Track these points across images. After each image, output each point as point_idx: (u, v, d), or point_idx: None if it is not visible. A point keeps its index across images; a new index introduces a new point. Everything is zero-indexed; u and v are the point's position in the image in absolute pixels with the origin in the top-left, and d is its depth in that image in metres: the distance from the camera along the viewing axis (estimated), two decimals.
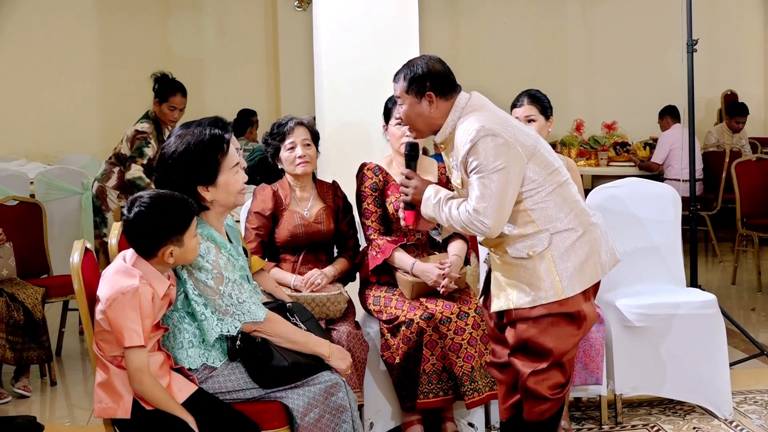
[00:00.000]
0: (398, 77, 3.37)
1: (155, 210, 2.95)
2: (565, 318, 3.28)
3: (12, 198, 5.98)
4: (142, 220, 2.95)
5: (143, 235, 2.96)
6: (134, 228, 2.97)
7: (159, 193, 3.02)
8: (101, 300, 2.94)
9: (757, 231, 7.18)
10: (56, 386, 5.28)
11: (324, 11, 4.80)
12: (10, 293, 5.01)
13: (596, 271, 3.32)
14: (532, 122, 4.20)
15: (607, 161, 8.72)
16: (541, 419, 3.37)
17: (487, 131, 3.16)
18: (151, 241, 2.96)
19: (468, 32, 11.12)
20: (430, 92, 3.29)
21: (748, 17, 11.45)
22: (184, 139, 3.16)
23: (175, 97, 6.08)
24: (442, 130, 3.33)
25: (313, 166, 4.20)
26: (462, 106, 3.30)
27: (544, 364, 3.31)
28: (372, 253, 4.17)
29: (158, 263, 3.00)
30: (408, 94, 3.32)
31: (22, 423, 4.36)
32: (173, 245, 2.96)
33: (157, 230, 2.95)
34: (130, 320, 2.87)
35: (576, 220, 3.27)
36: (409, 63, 3.37)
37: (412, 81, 3.31)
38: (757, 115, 10.80)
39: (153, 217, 2.95)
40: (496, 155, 3.14)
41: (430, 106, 3.30)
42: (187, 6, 10.52)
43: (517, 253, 3.26)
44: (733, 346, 5.16)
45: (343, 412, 3.19)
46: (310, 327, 3.39)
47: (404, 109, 3.34)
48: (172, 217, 2.96)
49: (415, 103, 3.31)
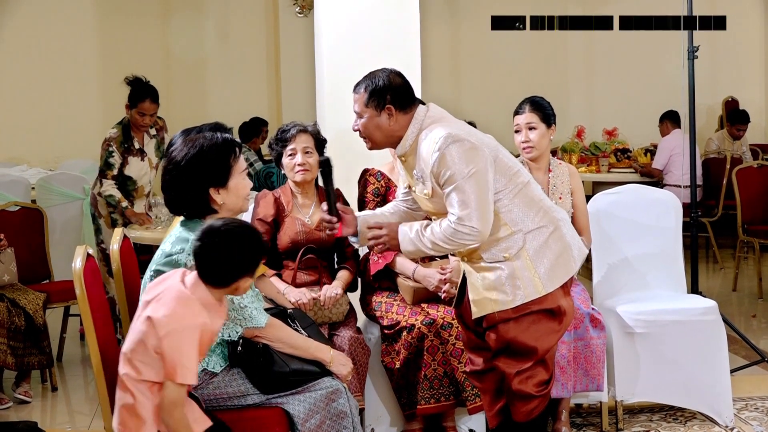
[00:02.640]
0: (359, 89, 3.38)
1: (236, 243, 2.78)
2: (546, 314, 3.32)
3: (13, 203, 5.99)
4: (220, 251, 2.77)
5: (221, 266, 2.78)
6: (211, 258, 2.77)
7: (236, 225, 2.85)
8: (157, 324, 2.71)
9: (757, 237, 7.17)
10: (57, 392, 5.27)
11: (325, 17, 4.80)
12: (11, 299, 5.01)
13: (571, 266, 3.37)
14: (532, 130, 4.19)
15: (608, 168, 8.72)
16: (530, 418, 3.40)
17: (453, 138, 3.19)
18: (228, 274, 2.79)
19: (469, 38, 11.13)
20: (390, 105, 3.31)
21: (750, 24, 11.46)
22: (197, 143, 3.16)
23: (144, 103, 5.90)
24: (402, 143, 3.34)
25: (314, 174, 4.19)
26: (422, 119, 3.32)
27: (528, 363, 3.34)
28: (374, 258, 4.17)
29: (223, 293, 2.84)
30: (367, 107, 3.33)
31: (23, 428, 4.37)
32: (249, 277, 2.83)
33: (238, 263, 2.78)
34: (186, 357, 2.69)
35: (545, 218, 3.32)
36: (370, 75, 3.38)
37: (372, 94, 3.32)
38: (757, 122, 10.80)
39: (236, 250, 2.78)
40: (466, 160, 3.17)
41: (390, 119, 3.32)
42: (187, 10, 10.53)
43: (493, 258, 3.29)
44: (733, 353, 5.15)
45: (344, 418, 3.19)
46: (311, 333, 3.40)
47: (363, 121, 3.35)
48: (252, 252, 2.82)
49: (374, 115, 3.33)
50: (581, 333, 4.11)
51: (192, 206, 3.16)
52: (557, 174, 4.31)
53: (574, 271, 3.41)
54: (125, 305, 3.41)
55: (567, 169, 4.36)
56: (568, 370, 4.08)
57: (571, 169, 4.39)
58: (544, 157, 4.28)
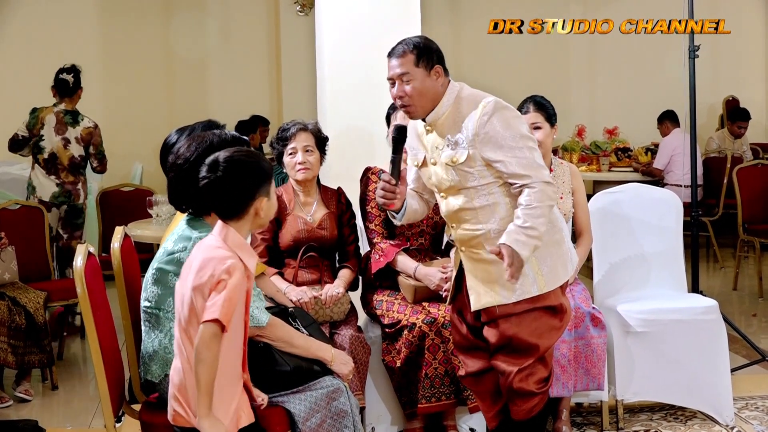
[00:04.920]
0: (401, 50, 3.26)
1: (246, 162, 2.78)
2: (548, 311, 3.32)
3: (14, 202, 5.99)
4: (232, 175, 2.76)
5: (236, 190, 2.76)
6: (223, 186, 2.76)
7: (238, 149, 2.87)
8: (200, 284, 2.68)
9: (758, 237, 7.17)
10: (57, 390, 5.28)
11: (326, 15, 4.80)
12: (12, 297, 5.02)
13: (568, 269, 3.40)
14: (538, 129, 4.19)
15: (608, 167, 8.72)
16: (530, 416, 3.39)
17: (501, 104, 3.21)
18: (243, 196, 2.77)
19: (470, 38, 11.13)
20: (438, 65, 3.26)
21: (750, 23, 11.46)
22: (206, 140, 3.15)
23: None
24: (436, 110, 3.28)
25: (315, 172, 4.19)
26: (457, 90, 3.29)
27: (529, 361, 3.33)
28: (375, 257, 4.18)
29: (247, 223, 2.80)
30: (418, 67, 3.23)
31: (23, 427, 4.38)
32: (264, 196, 2.79)
33: (251, 180, 2.77)
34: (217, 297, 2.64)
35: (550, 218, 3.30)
36: (407, 39, 3.29)
37: (422, 52, 3.24)
38: (758, 120, 10.79)
39: (247, 169, 2.78)
40: (518, 125, 3.21)
41: (437, 80, 3.26)
42: (189, 9, 10.52)
43: (497, 249, 3.23)
44: (734, 352, 5.15)
45: (344, 417, 3.19)
46: (312, 332, 3.40)
47: (412, 84, 3.24)
48: (259, 166, 2.80)
49: (425, 77, 3.24)
50: (582, 332, 4.11)
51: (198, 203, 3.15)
52: (558, 173, 4.31)
53: (570, 275, 3.43)
54: (126, 304, 3.40)
55: (568, 169, 4.36)
56: (568, 369, 4.08)
57: (572, 168, 4.39)
58: (546, 156, 4.28)
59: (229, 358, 2.74)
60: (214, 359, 2.64)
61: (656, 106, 9.44)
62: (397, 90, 3.28)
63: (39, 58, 9.87)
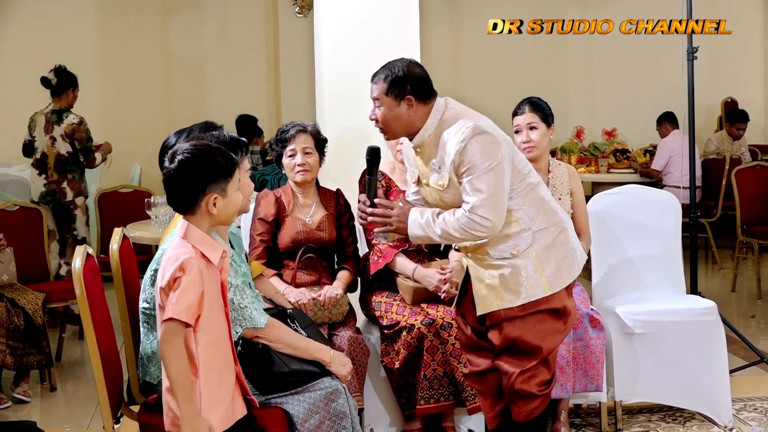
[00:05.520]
0: (377, 78, 3.34)
1: (198, 156, 2.77)
2: (552, 314, 3.33)
3: (12, 203, 5.99)
4: (185, 167, 2.76)
5: (186, 182, 2.76)
6: (177, 177, 2.77)
7: (201, 142, 2.90)
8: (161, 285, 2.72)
9: (757, 238, 7.18)
10: (56, 391, 5.28)
11: (325, 17, 4.80)
12: (10, 298, 5.01)
13: (574, 269, 3.39)
14: (533, 130, 4.19)
15: (607, 168, 8.72)
16: (530, 418, 3.40)
17: (479, 130, 3.20)
18: (193, 188, 2.76)
19: (469, 38, 11.12)
20: (410, 96, 3.29)
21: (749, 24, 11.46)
22: (203, 142, 3.16)
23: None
24: (420, 134, 3.32)
25: (314, 174, 4.20)
26: (442, 110, 3.31)
27: (532, 363, 3.34)
28: (373, 258, 4.18)
29: (203, 219, 2.79)
30: (387, 96, 3.30)
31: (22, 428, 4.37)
32: (217, 193, 2.77)
33: (200, 175, 2.76)
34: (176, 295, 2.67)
35: (553, 219, 3.34)
36: (389, 65, 3.35)
37: (392, 84, 3.29)
38: (757, 122, 10.80)
39: (196, 163, 2.75)
40: (489, 153, 3.18)
41: (409, 109, 3.30)
42: (187, 10, 10.52)
43: (500, 254, 3.29)
44: (732, 353, 5.15)
45: (343, 419, 3.19)
46: (310, 333, 3.40)
47: (382, 111, 3.32)
48: (215, 162, 2.79)
49: (393, 105, 3.30)
50: (580, 333, 4.11)
51: None
52: (557, 174, 4.31)
53: (576, 275, 3.42)
54: (124, 306, 3.40)
55: (566, 170, 4.36)
56: (567, 371, 4.08)
57: (570, 169, 4.39)
58: (543, 157, 4.29)
59: (214, 353, 2.76)
60: (177, 357, 2.66)
61: (655, 107, 9.45)
62: (371, 112, 3.38)
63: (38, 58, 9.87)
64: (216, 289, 2.79)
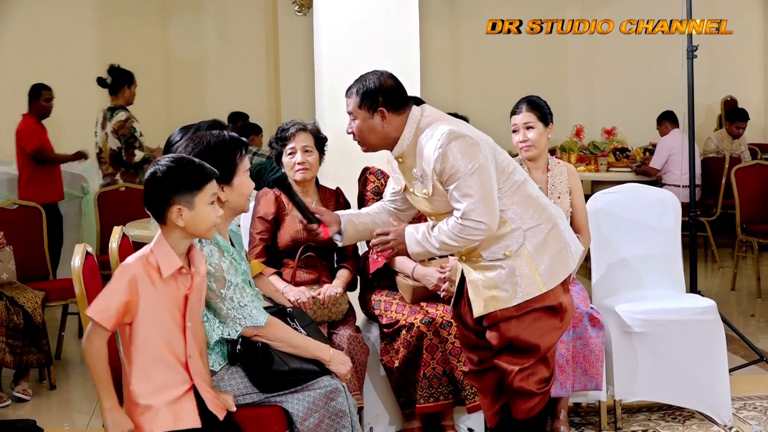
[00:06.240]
0: (350, 92, 3.38)
1: (168, 167, 2.82)
2: (548, 311, 3.34)
3: (12, 202, 5.99)
4: (152, 177, 2.83)
5: (154, 192, 2.83)
6: (146, 187, 2.86)
7: (178, 155, 2.94)
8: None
9: (756, 237, 7.18)
10: (56, 390, 5.27)
11: (324, 16, 4.80)
12: (9, 297, 5.01)
13: (569, 263, 3.39)
14: (530, 129, 4.20)
15: (606, 167, 8.73)
16: (530, 416, 3.41)
17: (455, 134, 3.20)
18: (160, 199, 2.82)
19: (468, 37, 11.13)
20: (382, 108, 3.31)
21: (748, 23, 11.46)
22: (204, 139, 3.16)
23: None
24: (399, 144, 3.34)
25: (314, 173, 4.20)
26: (418, 119, 3.32)
27: (530, 361, 3.35)
28: (373, 257, 4.18)
29: (172, 230, 2.84)
30: (360, 109, 3.33)
31: (21, 427, 4.37)
32: (182, 205, 2.81)
33: (164, 186, 2.81)
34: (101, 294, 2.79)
35: (543, 216, 3.34)
36: (361, 78, 3.38)
37: (365, 96, 3.32)
38: (756, 121, 10.80)
39: (165, 174, 2.81)
40: (469, 156, 3.18)
41: (383, 121, 3.32)
42: (187, 9, 10.52)
43: (493, 256, 3.30)
44: (732, 352, 5.15)
45: (342, 417, 3.19)
46: (310, 332, 3.40)
47: (356, 124, 3.35)
48: (182, 174, 2.83)
49: (367, 118, 3.33)
50: (580, 332, 4.11)
51: None
52: (556, 173, 4.31)
53: (572, 269, 3.43)
54: None
55: (565, 169, 4.37)
56: (566, 369, 4.08)
57: (569, 168, 4.39)
58: (542, 156, 4.29)
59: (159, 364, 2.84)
60: (93, 356, 2.79)
61: (654, 106, 9.45)
62: (347, 126, 3.42)
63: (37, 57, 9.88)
64: (167, 303, 2.85)
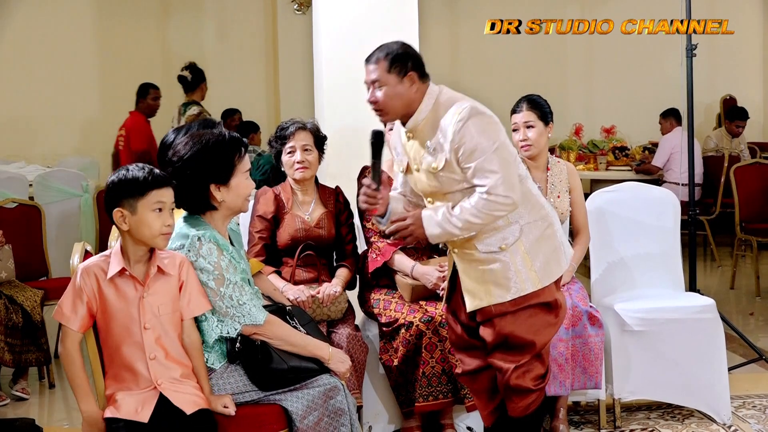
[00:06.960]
0: (375, 58, 3.28)
1: (120, 173, 3.00)
2: (543, 308, 3.33)
3: (11, 200, 5.99)
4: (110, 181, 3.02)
5: (106, 195, 3.03)
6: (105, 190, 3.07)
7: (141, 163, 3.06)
8: None
9: (755, 236, 7.18)
10: (55, 388, 5.28)
11: (324, 15, 4.81)
12: (9, 295, 5.02)
13: (562, 263, 3.39)
14: (530, 128, 4.20)
15: (606, 165, 8.73)
16: (526, 413, 3.41)
17: (477, 111, 3.19)
18: (108, 202, 3.00)
19: (467, 36, 11.13)
20: (413, 72, 3.26)
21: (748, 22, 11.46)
22: (203, 138, 3.17)
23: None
24: (414, 117, 3.29)
25: (314, 171, 4.19)
26: (436, 94, 3.29)
27: (526, 358, 3.35)
28: (372, 256, 4.18)
29: (123, 234, 3.00)
30: (389, 73, 3.25)
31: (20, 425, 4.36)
32: (125, 209, 2.96)
33: (114, 189, 2.98)
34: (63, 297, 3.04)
35: (541, 213, 3.33)
36: (384, 46, 3.30)
37: (395, 60, 3.25)
38: (756, 119, 10.80)
39: (117, 179, 2.99)
40: (491, 133, 3.17)
41: (411, 86, 3.26)
42: (186, 9, 10.53)
43: (488, 248, 3.27)
44: (731, 351, 5.16)
45: (341, 416, 3.19)
46: (309, 330, 3.40)
47: (384, 90, 3.25)
48: (128, 179, 2.97)
49: (397, 83, 3.25)
50: (579, 331, 4.11)
51: (192, 201, 3.17)
52: (555, 172, 4.31)
53: (565, 269, 3.43)
54: None
55: (565, 167, 4.37)
56: (566, 368, 4.08)
57: (569, 167, 4.39)
58: (542, 155, 4.29)
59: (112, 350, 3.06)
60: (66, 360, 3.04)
61: (654, 105, 9.46)
62: (370, 95, 3.31)
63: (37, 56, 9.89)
64: (120, 305, 3.01)
